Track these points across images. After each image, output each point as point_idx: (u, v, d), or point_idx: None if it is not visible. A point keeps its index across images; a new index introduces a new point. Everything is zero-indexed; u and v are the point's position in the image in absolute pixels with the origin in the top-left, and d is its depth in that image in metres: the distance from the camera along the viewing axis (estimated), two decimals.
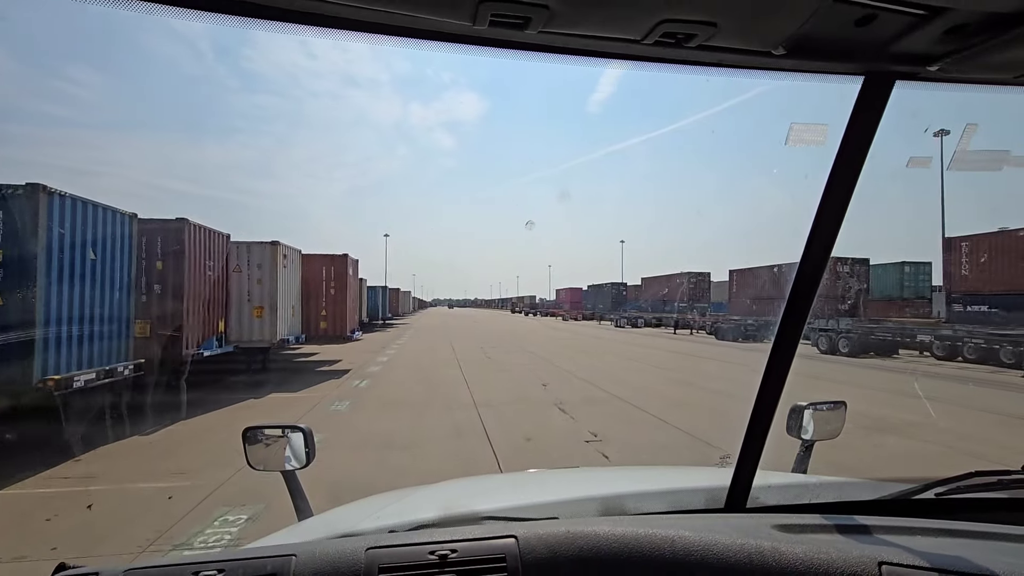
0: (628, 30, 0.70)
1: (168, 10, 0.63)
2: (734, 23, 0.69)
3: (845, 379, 12.05)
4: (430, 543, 0.90)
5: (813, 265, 0.98)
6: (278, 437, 1.51)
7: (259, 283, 11.15)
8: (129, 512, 4.16)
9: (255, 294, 11.13)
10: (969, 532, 0.96)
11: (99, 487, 4.72)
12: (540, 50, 0.75)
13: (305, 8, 0.65)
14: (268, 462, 1.51)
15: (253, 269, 11.16)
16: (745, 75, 0.83)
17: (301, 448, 1.50)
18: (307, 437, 1.50)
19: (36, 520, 4.01)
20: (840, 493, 1.32)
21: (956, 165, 0.92)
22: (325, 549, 0.88)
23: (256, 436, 1.51)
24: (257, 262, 11.22)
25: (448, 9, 0.65)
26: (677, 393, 9.85)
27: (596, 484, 1.65)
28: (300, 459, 1.50)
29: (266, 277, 11.20)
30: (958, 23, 0.68)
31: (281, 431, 1.51)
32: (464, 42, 0.72)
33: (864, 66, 0.82)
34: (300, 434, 1.50)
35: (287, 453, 1.50)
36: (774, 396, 1.08)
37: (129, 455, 5.84)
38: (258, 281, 11.16)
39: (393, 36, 0.70)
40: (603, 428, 6.93)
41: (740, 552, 0.86)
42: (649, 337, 26.44)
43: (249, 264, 11.16)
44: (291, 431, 1.50)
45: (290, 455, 1.50)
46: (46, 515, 4.08)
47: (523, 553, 0.88)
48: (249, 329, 11.00)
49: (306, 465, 1.51)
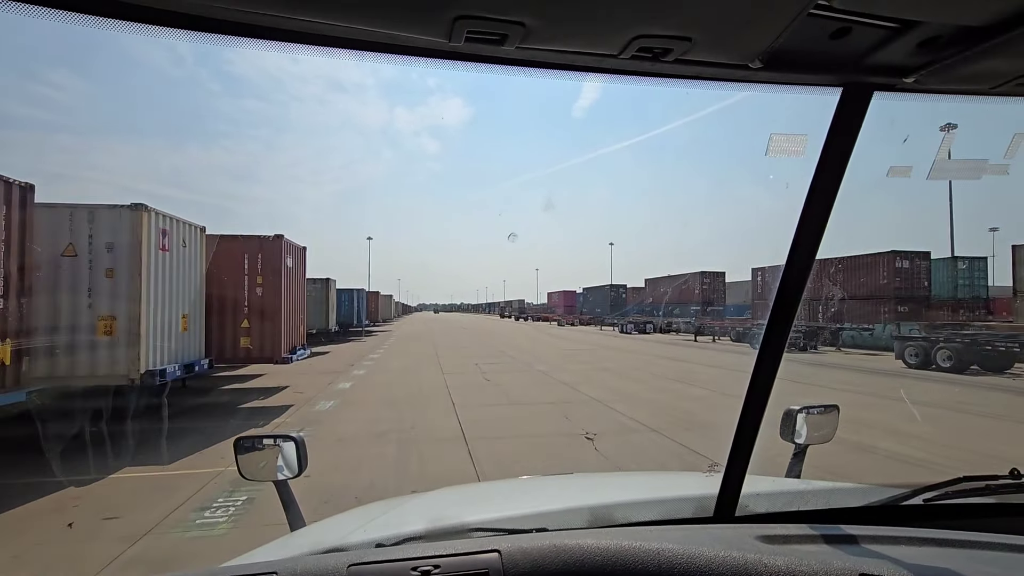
0: (604, 45, 0.71)
1: (152, 30, 0.64)
2: (709, 38, 0.69)
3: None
4: (413, 559, 0.91)
5: (798, 271, 0.99)
6: (270, 447, 1.50)
7: (109, 276, 6.57)
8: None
9: (101, 294, 6.56)
10: (954, 541, 0.96)
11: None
12: (518, 64, 0.76)
13: (283, 26, 0.65)
14: (260, 472, 1.51)
15: (98, 252, 6.58)
16: (722, 87, 0.83)
17: (293, 458, 1.49)
18: (299, 447, 1.50)
19: None
20: (829, 499, 1.33)
21: (936, 174, 0.93)
22: (307, 566, 0.90)
23: (248, 446, 1.51)
24: (106, 240, 6.62)
25: (424, 26, 0.65)
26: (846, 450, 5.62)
27: (586, 493, 1.67)
28: (292, 469, 1.49)
29: (122, 265, 6.62)
30: (930, 36, 0.70)
31: (273, 440, 1.51)
32: (442, 57, 0.73)
33: (842, 78, 0.83)
34: (292, 444, 1.49)
35: (279, 463, 1.49)
36: (761, 403, 1.09)
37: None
38: (107, 273, 6.57)
39: (371, 52, 0.71)
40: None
41: (723, 564, 0.87)
42: (672, 347, 22.25)
43: (92, 244, 6.58)
44: (283, 440, 1.50)
45: (282, 465, 1.49)
46: None
47: (506, 567, 0.89)
48: (89, 356, 6.44)
49: (298, 475, 1.50)
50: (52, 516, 4.14)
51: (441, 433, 6.75)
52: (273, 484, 1.52)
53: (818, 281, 22.56)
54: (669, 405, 8.75)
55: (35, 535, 3.81)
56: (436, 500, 1.66)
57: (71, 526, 3.95)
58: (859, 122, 0.87)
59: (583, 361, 16.02)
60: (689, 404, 8.89)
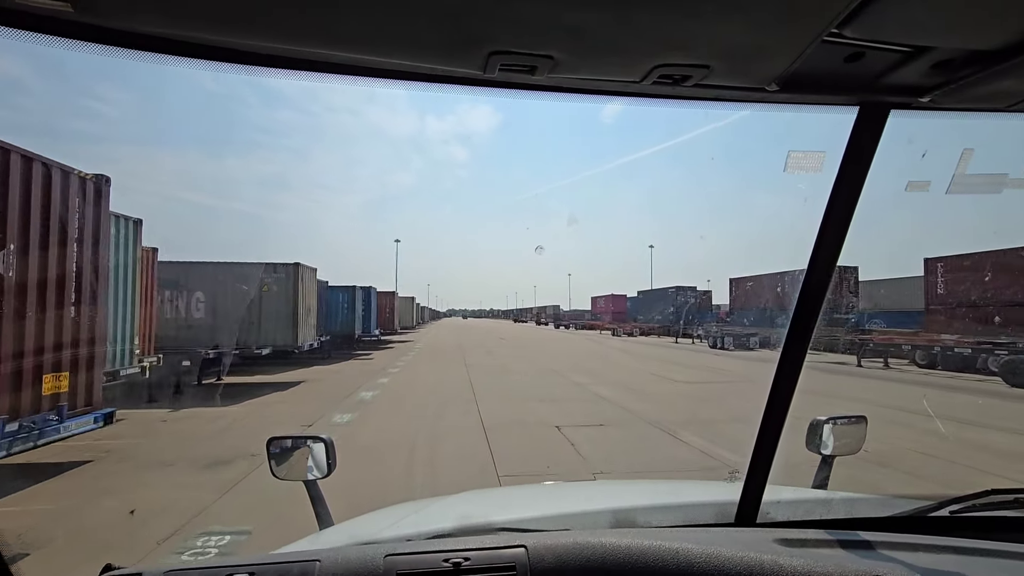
0: (627, 74, 0.74)
1: (198, 63, 0.66)
2: (726, 65, 0.71)
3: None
4: (444, 551, 0.94)
5: (817, 280, 1.00)
6: (300, 447, 1.53)
7: None
8: None
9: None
10: (975, 550, 0.95)
11: None
12: (547, 90, 0.80)
13: (326, 59, 0.70)
14: (291, 472, 1.53)
15: None
16: (741, 108, 0.85)
17: (323, 458, 1.52)
18: (328, 448, 1.52)
19: None
20: (852, 509, 1.33)
21: (955, 188, 0.92)
22: (347, 555, 0.93)
23: (280, 446, 1.54)
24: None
25: (461, 60, 0.69)
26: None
27: (609, 497, 1.66)
28: (322, 469, 1.52)
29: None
30: (943, 59, 0.71)
31: (304, 441, 1.54)
32: (477, 85, 0.76)
33: (858, 97, 0.84)
34: (322, 444, 1.52)
35: (309, 463, 1.52)
36: (782, 411, 1.08)
37: None
38: None
39: (409, 81, 0.75)
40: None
41: (741, 564, 0.88)
42: (900, 384, 13.24)
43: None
44: (313, 441, 1.53)
45: (312, 465, 1.52)
46: None
47: (532, 562, 0.91)
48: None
49: (327, 475, 1.52)
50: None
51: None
52: (303, 484, 1.52)
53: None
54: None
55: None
56: (462, 501, 1.66)
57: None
58: (877, 139, 0.89)
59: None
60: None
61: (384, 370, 14.34)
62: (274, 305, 12.47)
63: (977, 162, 0.92)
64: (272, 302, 12.44)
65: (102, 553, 3.39)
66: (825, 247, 0.96)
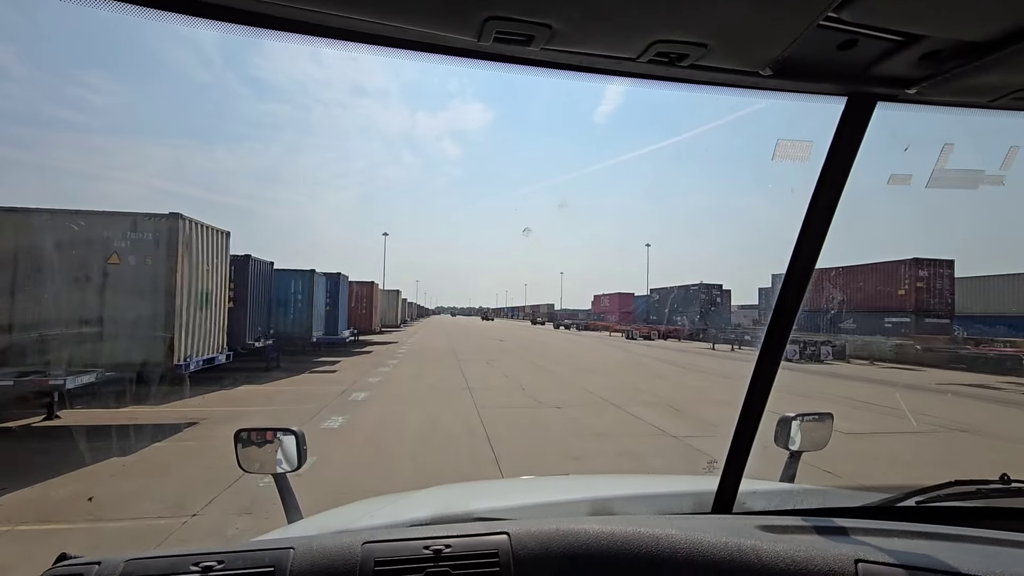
0: (624, 49, 0.73)
1: (180, 18, 0.64)
2: (724, 44, 0.72)
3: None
4: (425, 538, 0.91)
5: (799, 276, 1.00)
6: (270, 440, 1.47)
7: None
8: None
9: None
10: (946, 535, 0.98)
11: None
12: (542, 65, 0.78)
13: (316, 20, 0.67)
14: (259, 465, 1.47)
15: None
16: (734, 93, 0.86)
17: (293, 451, 1.46)
18: (299, 440, 1.47)
19: None
20: (824, 499, 1.40)
21: (934, 183, 0.94)
22: (323, 543, 0.89)
23: (248, 438, 1.47)
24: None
25: (455, 25, 0.67)
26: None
27: (587, 488, 1.68)
28: (292, 462, 1.47)
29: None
30: (933, 49, 0.74)
31: (273, 434, 1.47)
32: (470, 56, 0.75)
33: (847, 87, 0.86)
34: (292, 437, 1.46)
35: (279, 456, 1.47)
36: (760, 405, 1.10)
37: None
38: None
39: (401, 49, 0.72)
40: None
41: (724, 550, 0.89)
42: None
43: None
44: (283, 434, 1.47)
45: (281, 458, 1.47)
46: None
47: (515, 549, 0.89)
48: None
49: (297, 468, 1.47)
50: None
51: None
52: (272, 477, 1.49)
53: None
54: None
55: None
56: (439, 494, 1.61)
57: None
58: (862, 130, 0.91)
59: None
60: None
61: (342, 402, 8.86)
62: (130, 290, 6.93)
63: (956, 158, 0.93)
64: (127, 284, 6.90)
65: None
66: (808, 239, 0.97)
